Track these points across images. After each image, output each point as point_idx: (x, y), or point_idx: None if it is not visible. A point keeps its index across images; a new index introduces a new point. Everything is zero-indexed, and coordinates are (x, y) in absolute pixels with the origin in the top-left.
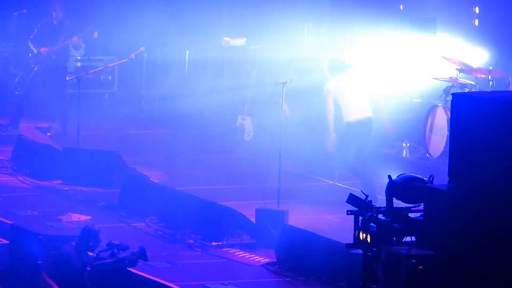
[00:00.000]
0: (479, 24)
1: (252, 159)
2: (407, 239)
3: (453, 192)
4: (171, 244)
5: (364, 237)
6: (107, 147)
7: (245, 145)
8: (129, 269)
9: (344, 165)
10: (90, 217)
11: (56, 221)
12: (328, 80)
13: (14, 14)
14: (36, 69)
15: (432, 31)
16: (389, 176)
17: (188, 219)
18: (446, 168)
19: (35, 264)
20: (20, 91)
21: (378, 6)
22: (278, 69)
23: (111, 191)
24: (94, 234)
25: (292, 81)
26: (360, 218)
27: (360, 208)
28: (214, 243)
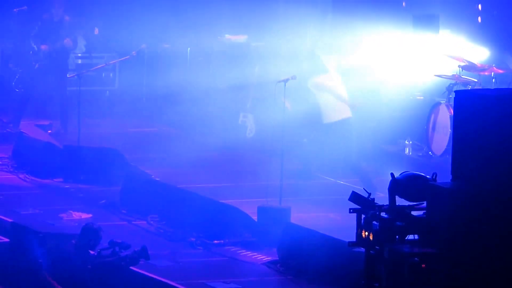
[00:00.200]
0: (482, 21)
1: (254, 156)
2: (410, 237)
3: (456, 190)
4: (172, 242)
5: (366, 235)
6: (108, 144)
7: (247, 142)
8: (130, 267)
9: (346, 164)
10: (91, 215)
11: (57, 219)
12: (307, 79)
13: (14, 10)
14: (36, 66)
15: (435, 28)
16: (391, 174)
17: (189, 217)
18: (449, 166)
19: (36, 262)
20: (20, 89)
21: (381, 2)
22: (280, 66)
23: (112, 189)
24: (95, 232)
25: (295, 78)
26: (363, 216)
27: (363, 206)
28: (216, 241)
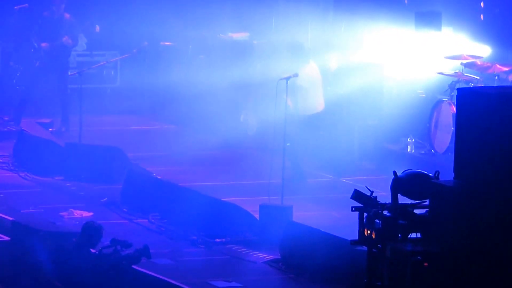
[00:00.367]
0: (485, 19)
1: (256, 154)
2: (413, 235)
3: (458, 188)
4: (174, 241)
5: (369, 233)
6: (110, 142)
7: (248, 140)
8: (132, 266)
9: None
10: (92, 213)
11: (58, 217)
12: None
13: (15, 8)
14: (37, 64)
15: (437, 26)
16: (394, 172)
17: (191, 215)
18: (452, 164)
19: (37, 261)
20: (21, 87)
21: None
22: (282, 64)
23: (114, 187)
24: (96, 230)
25: (297, 76)
26: (365, 215)
27: (365, 204)
28: (217, 240)
